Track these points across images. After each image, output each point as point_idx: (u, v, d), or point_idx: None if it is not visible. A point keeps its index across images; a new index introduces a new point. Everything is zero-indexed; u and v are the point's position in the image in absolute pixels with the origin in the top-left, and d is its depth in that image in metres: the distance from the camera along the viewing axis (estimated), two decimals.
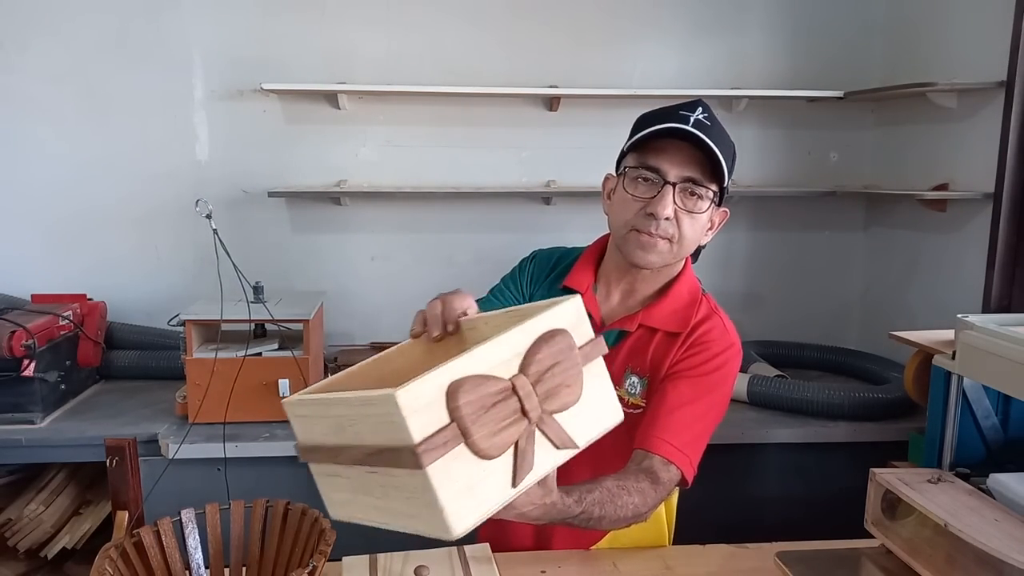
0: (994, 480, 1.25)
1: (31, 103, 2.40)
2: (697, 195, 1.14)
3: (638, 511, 1.08)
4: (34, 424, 1.98)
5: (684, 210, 1.14)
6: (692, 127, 1.11)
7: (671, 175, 1.13)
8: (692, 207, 1.14)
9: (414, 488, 0.70)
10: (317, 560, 0.94)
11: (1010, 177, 2.07)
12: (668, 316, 1.22)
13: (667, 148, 1.13)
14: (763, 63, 2.63)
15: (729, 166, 1.16)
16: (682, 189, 1.13)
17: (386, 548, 1.20)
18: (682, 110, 1.14)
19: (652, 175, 1.14)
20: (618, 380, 1.23)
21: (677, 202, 1.14)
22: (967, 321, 1.41)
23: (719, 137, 1.13)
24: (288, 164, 2.52)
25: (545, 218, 2.62)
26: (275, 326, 2.10)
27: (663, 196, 1.13)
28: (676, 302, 1.23)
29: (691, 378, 1.19)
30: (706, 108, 1.15)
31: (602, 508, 1.02)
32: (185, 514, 1.09)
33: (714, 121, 1.14)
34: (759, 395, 2.17)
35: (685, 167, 1.12)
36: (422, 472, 0.68)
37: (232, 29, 2.44)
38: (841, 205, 2.73)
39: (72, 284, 2.37)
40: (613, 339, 1.24)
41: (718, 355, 1.20)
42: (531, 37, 2.54)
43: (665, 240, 1.15)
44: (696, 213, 1.15)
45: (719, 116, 1.17)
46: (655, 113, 1.17)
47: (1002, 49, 2.07)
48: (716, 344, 1.21)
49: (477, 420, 0.70)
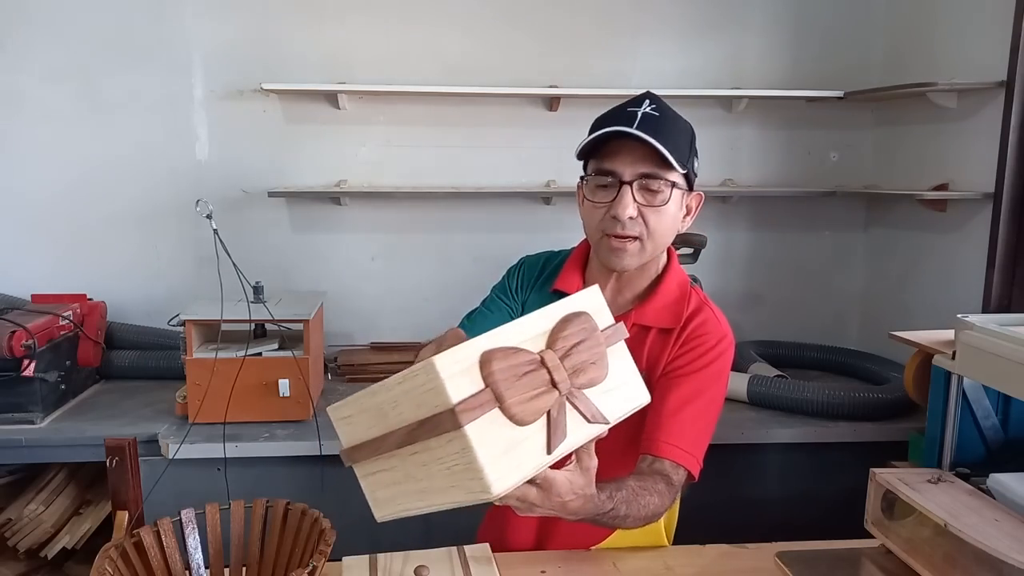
0: (994, 480, 1.25)
1: (31, 103, 2.40)
2: (656, 189, 1.14)
3: (657, 511, 1.10)
4: (34, 424, 1.98)
5: (647, 205, 1.14)
6: (639, 122, 1.11)
7: (626, 174, 1.13)
8: (654, 201, 1.14)
9: (454, 454, 0.74)
10: (317, 560, 0.94)
11: (1010, 177, 2.07)
12: (660, 312, 1.23)
13: (618, 149, 1.14)
14: (763, 63, 2.63)
15: (685, 151, 1.15)
16: (640, 186, 1.14)
17: (386, 548, 1.21)
18: (630, 106, 1.15)
19: (608, 179, 1.15)
20: None
21: (638, 199, 1.14)
22: (967, 321, 1.41)
23: (669, 125, 1.13)
24: (288, 164, 2.52)
25: (545, 218, 2.62)
26: (275, 326, 2.10)
27: (622, 197, 1.13)
28: (666, 297, 1.24)
29: (689, 375, 1.20)
30: (654, 99, 1.15)
31: (628, 506, 1.04)
32: (185, 514, 1.09)
33: (663, 110, 1.15)
34: (759, 395, 2.17)
35: (638, 164, 1.13)
36: (461, 432, 0.72)
37: (232, 29, 2.44)
38: (841, 205, 2.73)
39: (72, 284, 2.37)
40: None
41: (713, 348, 1.21)
42: (531, 37, 2.54)
43: (635, 240, 1.16)
44: (659, 206, 1.15)
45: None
46: (605, 115, 1.18)
47: (1002, 49, 2.07)
48: (711, 337, 1.21)
49: (510, 387, 0.75)
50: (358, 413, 0.86)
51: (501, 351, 0.76)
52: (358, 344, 2.62)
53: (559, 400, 0.79)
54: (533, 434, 0.78)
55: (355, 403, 0.85)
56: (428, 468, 0.78)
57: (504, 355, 0.76)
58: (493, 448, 0.74)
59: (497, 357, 0.75)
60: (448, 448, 0.74)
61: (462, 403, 0.72)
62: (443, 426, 0.73)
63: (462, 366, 0.74)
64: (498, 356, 0.75)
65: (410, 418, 0.77)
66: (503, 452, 0.75)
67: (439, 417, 0.73)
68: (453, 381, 0.72)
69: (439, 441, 0.75)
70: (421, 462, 0.79)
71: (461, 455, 0.73)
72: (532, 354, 0.78)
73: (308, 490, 1.97)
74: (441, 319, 2.61)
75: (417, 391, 0.75)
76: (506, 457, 0.75)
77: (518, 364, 0.76)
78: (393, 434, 0.79)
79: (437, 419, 0.73)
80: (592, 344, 0.84)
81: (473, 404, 0.72)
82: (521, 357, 0.77)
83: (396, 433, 0.79)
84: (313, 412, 2.04)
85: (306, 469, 1.94)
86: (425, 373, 0.73)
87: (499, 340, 0.77)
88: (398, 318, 2.63)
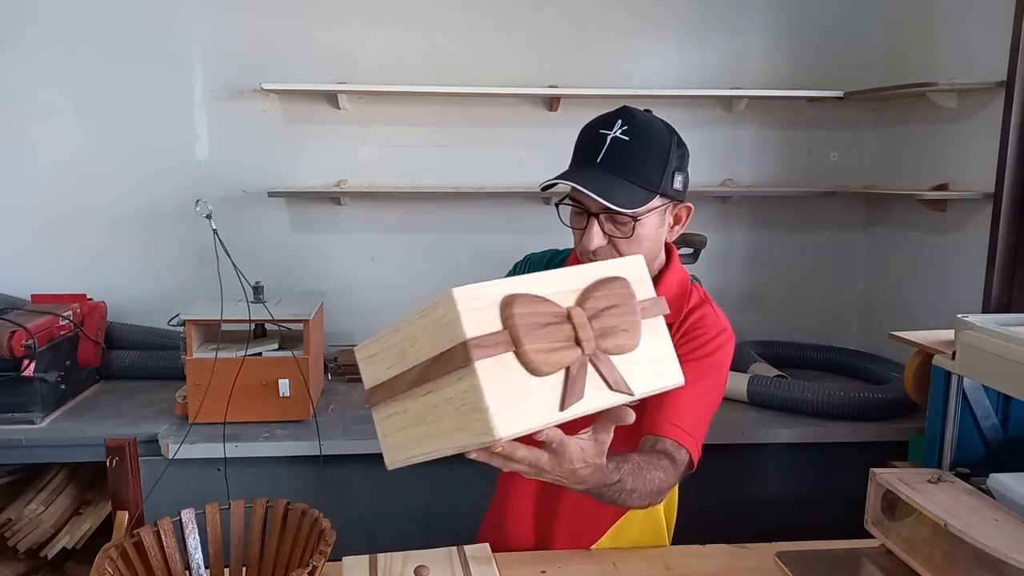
0: (994, 480, 1.25)
1: (31, 103, 2.40)
2: (623, 222, 1.12)
3: (661, 487, 1.08)
4: (34, 424, 1.98)
5: (616, 236, 1.13)
6: (604, 155, 1.09)
7: (592, 206, 1.12)
8: (624, 232, 1.12)
9: (463, 392, 0.72)
10: (317, 560, 0.94)
11: (1010, 177, 2.07)
12: None
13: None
14: (763, 63, 2.63)
15: (657, 171, 1.11)
16: (608, 218, 1.12)
17: (386, 548, 1.21)
18: (602, 127, 1.12)
19: (578, 207, 1.15)
20: None
21: (607, 230, 1.13)
22: (967, 321, 1.41)
23: (635, 151, 1.10)
24: (288, 164, 2.52)
25: (545, 218, 2.61)
26: (275, 326, 2.10)
27: (589, 229, 1.12)
28: (666, 293, 1.23)
29: (688, 362, 1.18)
30: (628, 119, 1.12)
31: (634, 479, 1.03)
32: (185, 514, 1.09)
33: (635, 131, 1.11)
34: (759, 395, 2.17)
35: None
36: (471, 369, 0.70)
37: (232, 29, 2.44)
38: (841, 205, 2.73)
39: (72, 284, 2.37)
40: None
41: (712, 339, 1.21)
42: (531, 37, 2.54)
43: None
44: (627, 237, 1.12)
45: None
46: (583, 132, 1.16)
47: (1002, 49, 2.07)
48: (710, 329, 1.21)
49: (530, 333, 0.72)
50: (381, 352, 0.84)
51: (526, 297, 0.73)
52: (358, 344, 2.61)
53: (581, 358, 0.76)
54: (548, 388, 0.75)
55: (379, 341, 0.84)
56: (438, 409, 0.76)
57: (529, 301, 0.73)
58: (503, 391, 0.71)
59: (521, 301, 0.73)
60: (458, 386, 0.72)
61: (476, 339, 0.70)
62: (455, 361, 0.71)
63: (482, 303, 0.71)
64: (522, 301, 0.73)
65: (426, 354, 0.75)
66: (513, 398, 0.72)
67: (452, 352, 0.71)
68: (470, 316, 0.70)
69: (450, 379, 0.73)
70: (432, 402, 0.77)
71: (469, 393, 0.71)
72: (559, 307, 0.76)
73: (308, 490, 1.97)
74: None
75: (434, 325, 0.73)
76: (515, 403, 0.72)
77: (542, 313, 0.74)
78: (410, 371, 0.77)
79: (450, 354, 0.71)
80: (626, 311, 0.80)
81: (488, 342, 0.70)
82: (546, 307, 0.74)
83: (413, 370, 0.77)
84: (313, 412, 2.04)
85: (306, 469, 1.94)
86: (443, 306, 0.71)
87: (526, 287, 0.74)
88: (398, 318, 2.62)
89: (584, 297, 0.78)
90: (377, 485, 2.02)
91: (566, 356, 0.75)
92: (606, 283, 0.80)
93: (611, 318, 0.79)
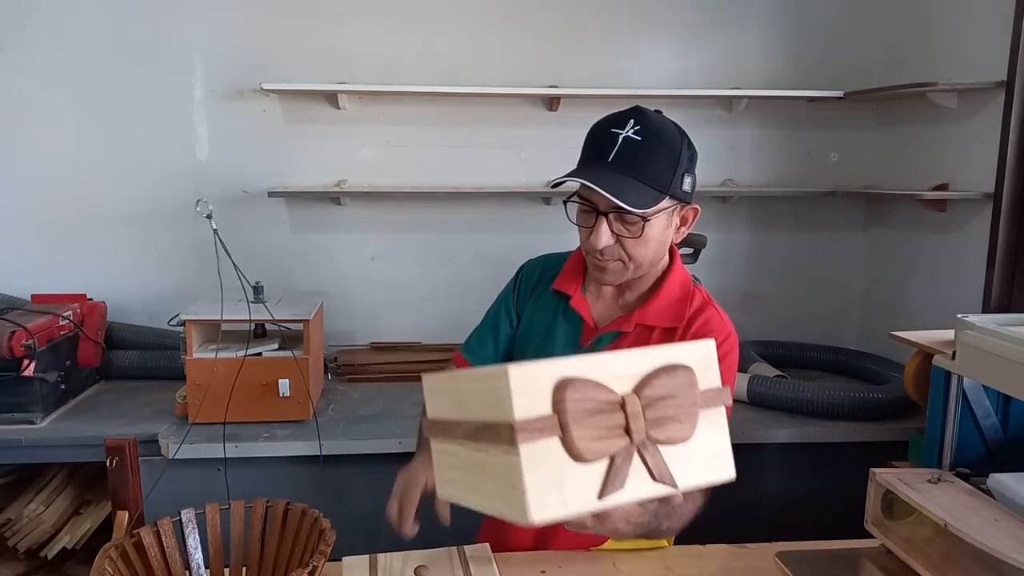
0: (994, 480, 1.25)
1: (31, 103, 2.40)
2: (632, 222, 1.12)
3: (690, 516, 1.13)
4: (34, 424, 1.98)
5: (624, 235, 1.13)
6: (616, 154, 1.09)
7: (601, 205, 1.12)
8: (631, 232, 1.13)
9: (506, 468, 0.72)
10: (317, 560, 0.94)
11: (1010, 177, 2.07)
12: (662, 312, 1.23)
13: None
14: (763, 63, 2.63)
15: (667, 172, 1.11)
16: (616, 217, 1.12)
17: (386, 548, 1.21)
18: (614, 126, 1.12)
19: (587, 205, 1.15)
20: None
21: (615, 229, 1.13)
22: (967, 321, 1.41)
23: (648, 152, 1.10)
24: (288, 164, 2.52)
25: (545, 218, 2.62)
26: (275, 326, 2.10)
27: (597, 228, 1.12)
28: (669, 297, 1.24)
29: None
30: (640, 118, 1.12)
31: (669, 521, 1.07)
32: (185, 514, 1.09)
33: (647, 132, 1.11)
34: (759, 395, 2.17)
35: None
36: (515, 450, 0.70)
37: (232, 29, 2.44)
38: (841, 205, 2.73)
39: (72, 284, 2.37)
40: (609, 339, 1.25)
41: (720, 345, 1.20)
42: (531, 37, 2.54)
43: (616, 261, 1.16)
44: (635, 237, 1.13)
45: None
46: (594, 130, 1.16)
47: (1002, 49, 2.07)
48: (716, 335, 1.21)
49: (578, 420, 0.72)
50: (442, 391, 0.85)
51: (581, 382, 0.73)
52: (358, 344, 2.62)
53: (628, 448, 0.75)
54: (589, 474, 0.74)
55: (443, 380, 0.85)
56: (483, 471, 0.77)
57: (582, 386, 0.73)
58: (544, 476, 0.71)
59: (574, 386, 0.72)
60: (503, 460, 0.73)
61: (524, 422, 0.70)
62: (502, 436, 0.71)
63: (535, 384, 0.71)
64: (576, 386, 0.72)
65: (479, 416, 0.76)
66: (552, 483, 0.72)
67: (500, 426, 0.71)
68: (521, 397, 0.70)
69: (497, 449, 0.73)
70: (479, 462, 0.77)
71: (511, 471, 0.71)
72: (614, 394, 0.75)
73: (308, 490, 1.97)
74: (441, 319, 2.62)
75: (489, 393, 0.74)
76: (554, 488, 0.72)
77: (594, 400, 0.73)
78: (463, 424, 0.78)
79: (498, 427, 0.72)
80: (684, 401, 0.79)
81: (534, 426, 0.70)
82: (600, 394, 0.73)
83: (465, 425, 0.78)
84: (313, 412, 2.04)
85: (306, 469, 1.94)
86: (499, 379, 0.71)
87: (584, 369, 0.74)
88: (398, 318, 2.63)
89: (643, 384, 0.77)
90: (377, 485, 2.01)
91: (613, 445, 0.74)
92: (669, 371, 0.78)
93: (667, 408, 0.77)
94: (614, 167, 1.10)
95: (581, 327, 1.27)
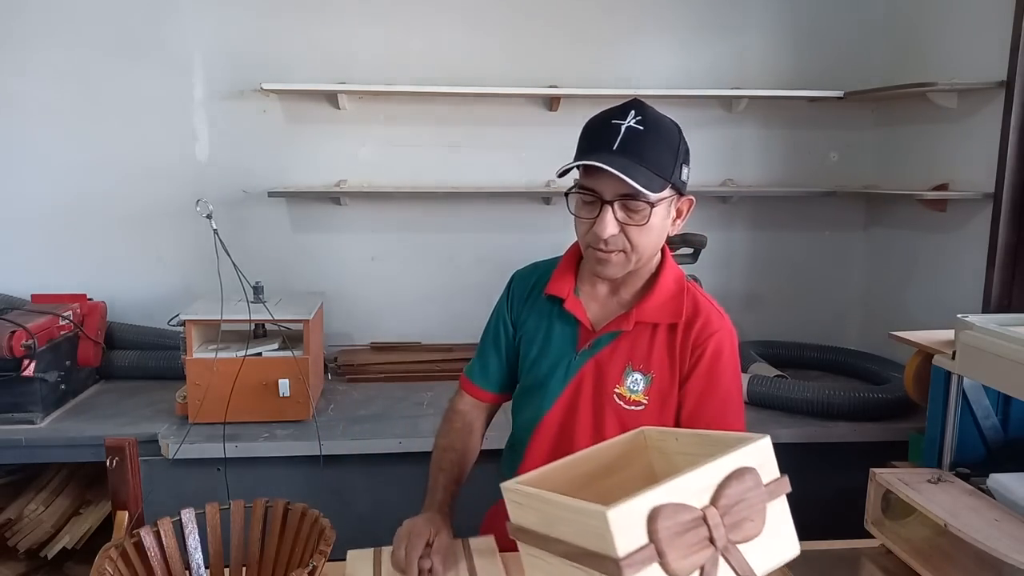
0: (994, 480, 1.25)
1: (31, 103, 2.40)
2: (636, 209, 1.13)
3: None
4: (34, 424, 1.98)
5: (629, 224, 1.14)
6: (620, 142, 1.11)
7: (607, 194, 1.13)
8: (637, 220, 1.14)
9: None
10: (317, 560, 0.94)
11: (1010, 177, 2.07)
12: (660, 308, 1.24)
13: (599, 170, 1.12)
14: (763, 63, 2.63)
15: (668, 162, 1.13)
16: (621, 205, 1.13)
17: (387, 543, 1.21)
18: (615, 117, 1.14)
19: (591, 195, 1.15)
20: (618, 378, 1.24)
21: (620, 218, 1.14)
22: (967, 321, 1.41)
23: (651, 141, 1.12)
24: (288, 164, 2.52)
25: (545, 218, 2.62)
26: (275, 326, 2.10)
27: (603, 217, 1.13)
28: (664, 293, 1.25)
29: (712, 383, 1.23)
30: (640, 109, 1.14)
31: None
32: (185, 514, 1.09)
33: (648, 121, 1.13)
34: (759, 395, 2.17)
35: (618, 186, 1.12)
36: None
37: (232, 29, 2.44)
38: (841, 205, 2.73)
39: (72, 284, 2.37)
40: (608, 340, 1.25)
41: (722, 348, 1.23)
42: (531, 37, 2.54)
43: (619, 252, 1.17)
44: (641, 225, 1.14)
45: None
46: (592, 123, 1.18)
47: (1002, 49, 2.07)
48: (715, 338, 1.23)
49: (672, 543, 0.78)
50: (527, 505, 0.90)
51: (670, 508, 0.79)
52: (358, 344, 2.62)
53: (714, 555, 0.82)
54: None
55: (528, 495, 0.90)
56: None
57: (671, 512, 0.79)
58: None
59: (664, 514, 0.78)
60: None
61: (627, 557, 0.75)
62: (606, 568, 0.77)
63: (631, 519, 0.77)
64: (665, 512, 0.78)
65: (575, 540, 0.81)
66: None
67: (603, 559, 0.77)
68: (622, 535, 0.75)
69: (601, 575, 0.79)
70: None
71: None
72: (696, 511, 0.81)
73: (308, 490, 1.97)
74: (441, 319, 2.62)
75: (587, 527, 0.79)
76: None
77: (682, 522, 0.79)
78: (560, 544, 0.84)
79: (603, 559, 0.77)
80: (754, 501, 0.86)
81: (637, 559, 0.76)
82: (685, 515, 0.80)
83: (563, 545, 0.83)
84: (313, 412, 2.04)
85: (306, 469, 1.94)
86: (597, 518, 0.76)
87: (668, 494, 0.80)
88: (398, 318, 2.63)
89: (718, 495, 0.83)
90: (377, 485, 2.02)
91: (701, 556, 0.81)
92: (737, 476, 0.85)
93: (741, 511, 0.85)
94: (620, 154, 1.11)
95: (578, 329, 1.27)
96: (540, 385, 1.29)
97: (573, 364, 1.26)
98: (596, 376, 1.25)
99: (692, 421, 1.24)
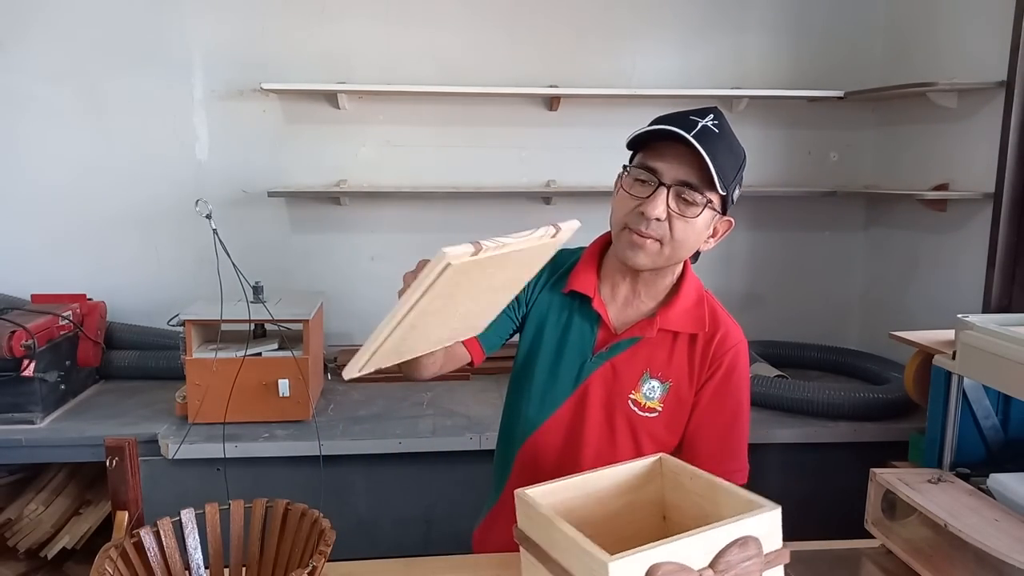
0: (994, 480, 1.25)
1: (31, 103, 2.40)
2: (691, 201, 1.13)
3: None
4: (34, 424, 1.98)
5: (677, 213, 1.14)
6: (696, 133, 1.10)
7: (666, 177, 1.13)
8: (685, 211, 1.14)
9: None
10: (317, 560, 0.94)
11: (1010, 177, 2.07)
12: (683, 316, 1.23)
13: (667, 151, 1.13)
14: (764, 63, 2.63)
15: (731, 175, 1.14)
16: (676, 192, 1.13)
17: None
18: (693, 115, 1.14)
19: (649, 176, 1.14)
20: (634, 384, 1.23)
21: (671, 205, 1.13)
22: (967, 321, 1.41)
23: (723, 146, 1.13)
24: (288, 164, 2.52)
25: (545, 218, 2.58)
26: (275, 326, 2.10)
27: (655, 197, 1.13)
28: (686, 302, 1.25)
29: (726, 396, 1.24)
30: (718, 116, 1.15)
31: None
32: (185, 514, 1.09)
33: (723, 129, 1.14)
34: (759, 395, 2.17)
35: (681, 171, 1.12)
36: None
37: (232, 29, 2.44)
38: (841, 205, 2.73)
39: (72, 284, 2.37)
40: (627, 345, 1.24)
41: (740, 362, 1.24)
42: (531, 37, 2.54)
43: (655, 241, 1.15)
44: (688, 218, 1.14)
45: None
46: (667, 116, 1.17)
47: (1002, 49, 2.07)
48: (732, 351, 1.24)
49: None
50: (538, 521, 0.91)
51: (669, 567, 0.81)
52: (358, 344, 2.60)
53: None
54: None
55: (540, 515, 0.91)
56: None
57: (670, 571, 0.81)
58: None
59: (663, 572, 0.81)
60: None
61: None
62: None
63: (631, 572, 0.79)
64: (665, 570, 0.81)
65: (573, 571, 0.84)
66: None
67: None
68: None
69: None
70: None
71: None
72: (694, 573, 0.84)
73: (308, 490, 1.96)
74: None
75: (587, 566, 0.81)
76: None
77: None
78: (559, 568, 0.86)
79: None
80: (753, 568, 0.88)
81: None
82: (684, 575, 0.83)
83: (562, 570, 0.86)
84: (313, 412, 2.04)
85: (306, 469, 1.94)
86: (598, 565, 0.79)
87: (670, 553, 0.82)
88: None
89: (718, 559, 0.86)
90: (377, 485, 2.01)
91: None
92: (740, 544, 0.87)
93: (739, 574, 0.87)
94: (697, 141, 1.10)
95: (598, 329, 1.25)
96: (550, 380, 1.27)
97: (588, 365, 1.25)
98: (611, 379, 1.24)
99: (700, 431, 1.25)
